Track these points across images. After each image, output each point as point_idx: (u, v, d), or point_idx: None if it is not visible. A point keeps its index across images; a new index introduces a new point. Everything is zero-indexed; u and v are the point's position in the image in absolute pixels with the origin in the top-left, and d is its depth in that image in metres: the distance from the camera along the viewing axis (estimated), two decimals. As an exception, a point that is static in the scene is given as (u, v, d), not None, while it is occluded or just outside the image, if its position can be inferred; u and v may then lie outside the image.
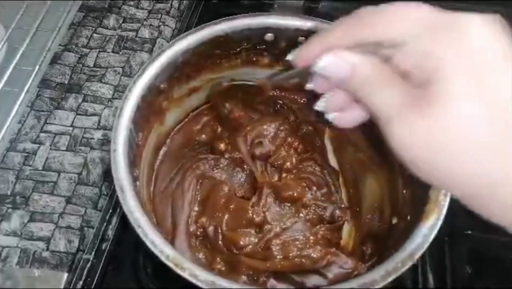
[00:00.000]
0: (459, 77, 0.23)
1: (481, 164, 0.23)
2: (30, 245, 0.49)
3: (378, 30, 0.26)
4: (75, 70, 0.63)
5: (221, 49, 0.49)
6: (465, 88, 0.22)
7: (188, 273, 0.34)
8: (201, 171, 0.51)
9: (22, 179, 0.53)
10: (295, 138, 0.52)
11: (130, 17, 0.70)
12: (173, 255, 0.34)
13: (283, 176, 0.50)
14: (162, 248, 0.35)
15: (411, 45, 0.24)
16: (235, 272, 0.44)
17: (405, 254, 0.36)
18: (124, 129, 0.41)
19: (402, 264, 0.35)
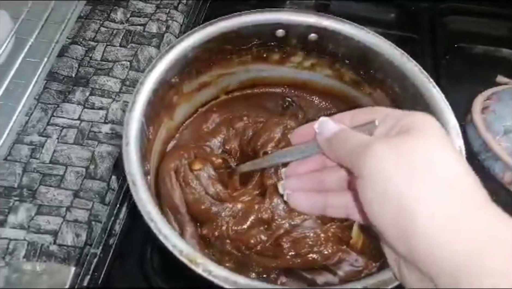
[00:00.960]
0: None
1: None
2: (37, 238, 0.49)
3: (367, 116, 0.33)
4: (83, 63, 0.63)
5: (232, 45, 0.49)
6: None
7: (202, 268, 0.34)
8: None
9: (29, 171, 0.53)
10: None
11: (138, 11, 0.70)
12: (187, 250, 0.34)
13: None
14: (175, 243, 0.35)
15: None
16: (245, 270, 0.44)
17: None
18: (136, 122, 0.41)
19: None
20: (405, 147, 0.27)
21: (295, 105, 0.57)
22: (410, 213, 0.25)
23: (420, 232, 0.25)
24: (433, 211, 0.25)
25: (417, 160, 0.26)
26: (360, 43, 0.48)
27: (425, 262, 0.25)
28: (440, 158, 0.27)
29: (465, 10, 0.78)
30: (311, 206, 0.36)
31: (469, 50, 0.73)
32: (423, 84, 0.45)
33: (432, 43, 0.72)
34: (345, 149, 0.30)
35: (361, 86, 0.52)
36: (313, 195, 0.36)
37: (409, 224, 0.25)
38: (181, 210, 0.47)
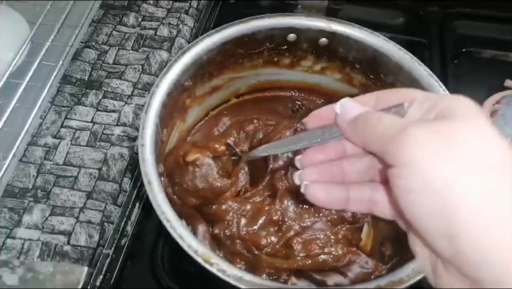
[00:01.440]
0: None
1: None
2: (51, 239, 0.49)
3: (392, 98, 0.30)
4: (95, 67, 0.64)
5: (245, 49, 0.50)
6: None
7: (217, 268, 0.34)
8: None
9: (43, 173, 0.54)
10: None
11: (149, 16, 0.71)
12: (202, 250, 0.35)
13: None
14: (190, 243, 0.35)
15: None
16: (255, 271, 0.44)
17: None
18: (152, 124, 0.41)
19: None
20: (448, 133, 0.24)
21: (304, 108, 0.58)
22: (458, 209, 0.22)
23: (469, 232, 0.22)
24: (484, 208, 0.22)
25: (464, 148, 0.23)
26: (370, 47, 0.48)
27: (474, 266, 0.22)
28: (489, 146, 0.23)
29: (473, 15, 0.78)
30: (331, 200, 0.32)
31: (478, 55, 0.73)
32: (432, 88, 0.45)
33: (440, 48, 0.72)
34: (375, 133, 0.27)
35: (371, 90, 0.52)
36: (334, 188, 0.31)
37: (456, 222, 0.22)
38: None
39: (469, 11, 0.78)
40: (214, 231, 0.47)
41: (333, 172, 0.32)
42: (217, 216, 0.48)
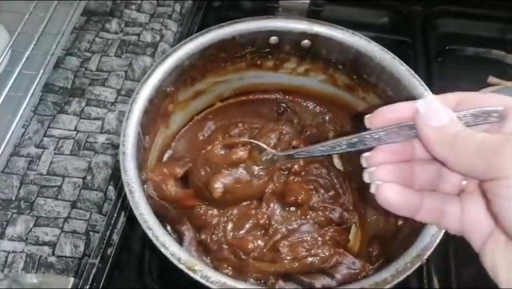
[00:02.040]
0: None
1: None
2: (35, 250, 0.49)
3: (478, 103, 0.27)
4: (78, 74, 0.63)
5: (227, 53, 0.49)
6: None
7: (200, 275, 0.34)
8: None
9: (27, 184, 0.53)
10: (300, 141, 0.52)
11: (132, 21, 0.70)
12: (185, 258, 0.34)
13: (290, 179, 0.50)
14: (173, 251, 0.35)
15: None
16: (243, 276, 0.44)
17: (414, 253, 0.36)
18: (133, 132, 0.41)
19: (411, 264, 0.36)
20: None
21: (290, 111, 0.57)
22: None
23: None
24: None
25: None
26: (352, 48, 0.48)
27: None
28: None
29: (456, 13, 0.78)
30: (405, 205, 0.29)
31: (461, 52, 0.73)
32: (414, 87, 0.45)
33: (424, 46, 0.73)
34: (468, 148, 0.25)
35: (355, 90, 0.52)
36: (409, 192, 0.28)
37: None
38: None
39: (452, 9, 0.79)
40: (201, 236, 0.47)
41: (406, 174, 0.29)
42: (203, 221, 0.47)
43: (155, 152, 0.49)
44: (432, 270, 0.51)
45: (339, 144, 0.33)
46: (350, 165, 0.55)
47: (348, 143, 0.32)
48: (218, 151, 0.45)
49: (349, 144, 0.32)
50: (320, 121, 0.57)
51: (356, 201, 0.52)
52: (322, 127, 0.56)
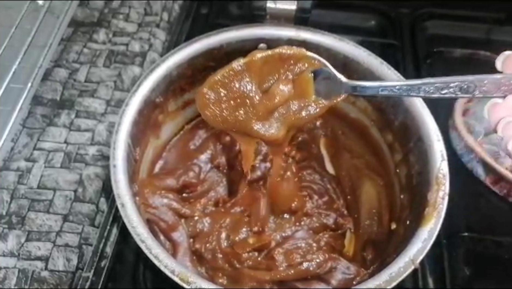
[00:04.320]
0: None
1: None
2: (28, 265, 0.48)
3: None
4: (67, 86, 0.63)
5: (215, 61, 0.49)
6: None
7: (194, 287, 0.34)
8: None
9: (17, 198, 0.52)
10: (292, 147, 0.53)
11: (120, 31, 0.70)
12: (179, 270, 0.34)
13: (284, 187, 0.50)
14: (166, 263, 0.35)
15: None
16: (238, 285, 0.44)
17: (407, 258, 0.36)
18: (123, 144, 0.41)
19: (404, 269, 0.36)
20: None
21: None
22: None
23: None
24: None
25: None
26: (340, 54, 0.49)
27: None
28: None
29: (443, 15, 0.79)
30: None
31: (449, 54, 0.74)
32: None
33: (412, 49, 0.73)
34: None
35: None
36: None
37: None
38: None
39: (439, 11, 0.79)
40: (195, 245, 0.47)
41: None
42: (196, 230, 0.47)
43: (146, 163, 0.49)
44: (426, 270, 0.51)
45: (448, 86, 0.31)
46: (342, 170, 0.55)
47: (460, 87, 0.31)
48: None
49: (461, 88, 0.31)
50: (311, 126, 0.57)
51: (348, 206, 0.52)
52: (313, 132, 0.56)
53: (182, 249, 0.46)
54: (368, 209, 0.50)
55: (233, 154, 0.53)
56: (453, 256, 0.52)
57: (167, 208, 0.46)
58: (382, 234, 0.48)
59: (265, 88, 0.40)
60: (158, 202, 0.46)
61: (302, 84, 0.40)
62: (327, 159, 0.56)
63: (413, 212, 0.43)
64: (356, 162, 0.54)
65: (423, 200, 0.41)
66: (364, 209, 0.51)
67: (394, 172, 0.49)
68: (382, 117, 0.49)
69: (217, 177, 0.53)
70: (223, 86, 0.39)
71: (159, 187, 0.47)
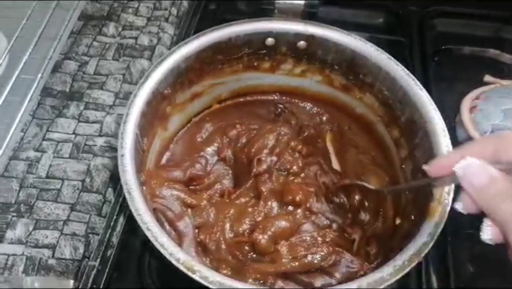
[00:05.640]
0: None
1: None
2: (35, 253, 0.49)
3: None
4: (76, 78, 0.63)
5: (223, 55, 0.50)
6: None
7: (199, 275, 0.34)
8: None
9: (26, 187, 0.53)
10: (298, 142, 0.53)
11: (129, 25, 0.70)
12: (184, 258, 0.35)
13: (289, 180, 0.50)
14: (172, 251, 0.35)
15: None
16: (242, 277, 0.44)
17: (412, 251, 0.37)
18: (131, 134, 0.41)
19: (409, 262, 0.36)
20: None
21: (287, 112, 0.58)
22: None
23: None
24: None
25: None
26: (348, 48, 0.49)
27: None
28: None
29: (452, 13, 0.79)
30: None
31: (457, 51, 0.74)
32: (410, 86, 0.46)
33: (420, 46, 0.73)
34: (502, 207, 0.28)
35: (351, 91, 0.53)
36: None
37: None
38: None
39: (448, 9, 0.79)
40: (200, 236, 0.47)
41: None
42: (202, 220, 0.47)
43: (153, 154, 0.49)
44: (430, 269, 0.51)
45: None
46: (348, 165, 0.55)
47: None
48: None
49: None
50: (317, 121, 0.57)
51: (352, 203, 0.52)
52: (320, 127, 0.56)
53: (187, 240, 0.46)
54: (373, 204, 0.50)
55: (239, 147, 0.53)
56: (458, 254, 0.52)
57: (174, 198, 0.46)
58: (386, 230, 0.48)
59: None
60: (165, 192, 0.46)
61: None
62: (333, 154, 0.56)
63: (417, 207, 0.43)
64: (361, 158, 0.54)
65: (428, 195, 0.41)
66: (368, 202, 0.51)
67: (399, 168, 0.49)
68: (389, 113, 0.49)
69: (223, 170, 0.53)
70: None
71: (166, 179, 0.47)
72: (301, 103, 0.58)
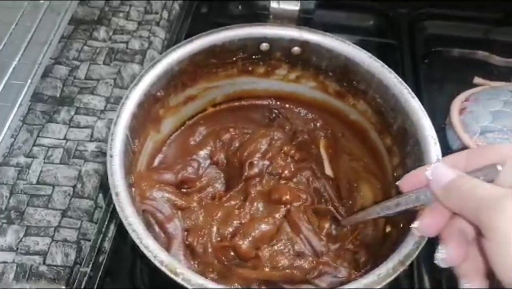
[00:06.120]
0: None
1: None
2: (26, 260, 0.48)
3: (483, 157, 0.30)
4: (67, 83, 0.63)
5: (218, 59, 0.50)
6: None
7: (182, 278, 0.34)
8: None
9: (16, 193, 0.52)
10: (291, 147, 0.53)
11: (120, 29, 0.70)
12: (168, 260, 0.35)
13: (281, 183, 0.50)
14: (156, 253, 0.35)
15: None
16: (227, 281, 0.43)
17: (396, 259, 0.36)
18: (121, 135, 0.41)
19: (393, 270, 0.35)
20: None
21: (281, 117, 0.58)
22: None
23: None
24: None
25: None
26: (341, 55, 0.49)
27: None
28: None
29: (441, 15, 0.80)
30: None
31: (447, 53, 0.75)
32: (402, 95, 0.46)
33: (410, 48, 0.73)
34: (468, 201, 0.27)
35: (345, 97, 0.53)
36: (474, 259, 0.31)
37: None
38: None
39: (437, 11, 0.80)
40: (188, 239, 0.47)
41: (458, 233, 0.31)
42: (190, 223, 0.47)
43: (145, 156, 0.49)
44: (422, 270, 0.51)
45: (388, 208, 0.37)
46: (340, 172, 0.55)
47: (389, 207, 0.37)
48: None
49: (390, 207, 0.37)
50: (311, 127, 0.57)
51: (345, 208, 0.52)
52: (314, 133, 0.56)
53: (176, 242, 0.46)
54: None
55: (231, 150, 0.53)
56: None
57: (164, 200, 0.46)
58: (376, 237, 0.47)
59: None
60: (156, 194, 0.46)
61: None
62: (326, 160, 0.56)
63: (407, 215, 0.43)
64: (354, 165, 0.54)
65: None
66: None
67: (391, 176, 0.49)
68: (381, 120, 0.49)
69: (215, 173, 0.53)
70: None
71: (157, 181, 0.47)
72: (295, 109, 0.58)
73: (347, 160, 0.55)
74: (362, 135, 0.53)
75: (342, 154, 0.55)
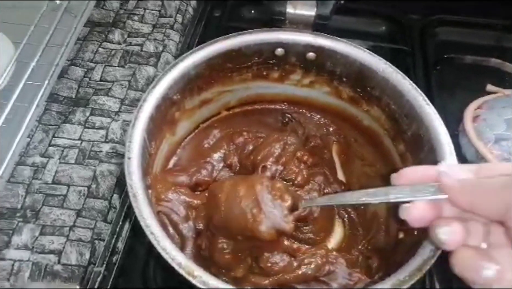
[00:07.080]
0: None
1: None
2: (41, 259, 0.49)
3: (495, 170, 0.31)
4: (82, 84, 0.64)
5: (233, 63, 0.50)
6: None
7: (199, 280, 0.34)
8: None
9: (32, 192, 0.53)
10: (304, 152, 0.53)
11: (134, 32, 0.71)
12: (185, 263, 0.35)
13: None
14: (174, 255, 0.35)
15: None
16: (238, 286, 0.44)
17: (414, 267, 0.36)
18: (139, 137, 0.42)
19: (410, 277, 0.36)
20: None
21: (294, 121, 0.58)
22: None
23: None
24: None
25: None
26: (356, 61, 0.49)
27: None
28: None
29: (454, 21, 0.80)
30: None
31: (459, 61, 0.75)
32: (417, 101, 0.46)
33: (422, 55, 0.74)
34: (493, 197, 0.28)
35: (359, 103, 0.53)
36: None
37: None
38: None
39: (450, 18, 0.80)
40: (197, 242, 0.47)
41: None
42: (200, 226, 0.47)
43: (160, 158, 0.50)
44: (433, 270, 0.51)
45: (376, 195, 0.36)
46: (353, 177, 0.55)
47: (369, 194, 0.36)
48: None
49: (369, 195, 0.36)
50: (324, 132, 0.57)
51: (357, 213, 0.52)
52: (326, 138, 0.57)
53: (190, 244, 0.46)
54: (376, 218, 0.50)
55: (245, 154, 0.54)
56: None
57: (180, 201, 0.46)
58: (389, 243, 0.48)
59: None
60: (171, 196, 0.46)
61: None
62: (339, 165, 0.56)
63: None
64: (367, 170, 0.54)
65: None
66: (372, 218, 0.51)
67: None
68: (395, 127, 0.49)
69: (228, 176, 0.53)
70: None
71: (173, 183, 0.48)
72: (308, 114, 0.58)
73: (360, 166, 0.55)
74: (375, 141, 0.53)
75: (354, 159, 0.55)
